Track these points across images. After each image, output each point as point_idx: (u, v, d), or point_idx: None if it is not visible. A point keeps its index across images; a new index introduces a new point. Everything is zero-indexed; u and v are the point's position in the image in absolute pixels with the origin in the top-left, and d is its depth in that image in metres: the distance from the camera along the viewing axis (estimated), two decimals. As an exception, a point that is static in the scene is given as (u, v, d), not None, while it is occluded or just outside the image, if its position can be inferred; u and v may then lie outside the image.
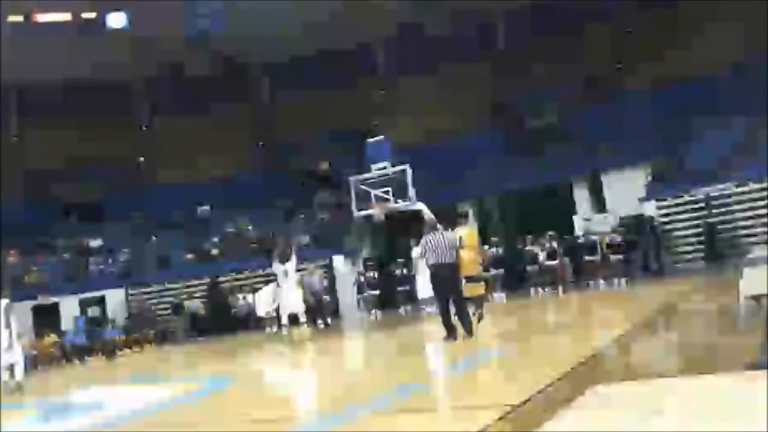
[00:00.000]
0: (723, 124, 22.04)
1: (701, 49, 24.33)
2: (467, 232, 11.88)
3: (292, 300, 15.45)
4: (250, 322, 22.40)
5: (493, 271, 19.86)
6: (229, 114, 32.07)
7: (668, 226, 21.37)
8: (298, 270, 15.99)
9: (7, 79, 26.92)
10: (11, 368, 11.48)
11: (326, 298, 20.66)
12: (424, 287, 17.96)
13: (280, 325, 16.13)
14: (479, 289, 11.87)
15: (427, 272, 17.94)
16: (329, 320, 19.17)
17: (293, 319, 15.55)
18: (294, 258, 15.47)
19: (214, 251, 27.48)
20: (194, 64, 30.67)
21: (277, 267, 15.51)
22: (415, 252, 18.21)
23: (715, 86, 22.97)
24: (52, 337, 21.40)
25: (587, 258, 19.84)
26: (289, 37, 28.50)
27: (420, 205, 15.68)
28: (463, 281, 10.54)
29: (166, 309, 25.71)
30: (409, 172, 16.85)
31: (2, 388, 11.27)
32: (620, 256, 19.32)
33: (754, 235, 19.71)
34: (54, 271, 26.94)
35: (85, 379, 15.31)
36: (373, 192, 17.21)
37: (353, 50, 30.58)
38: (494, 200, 26.18)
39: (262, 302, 18.46)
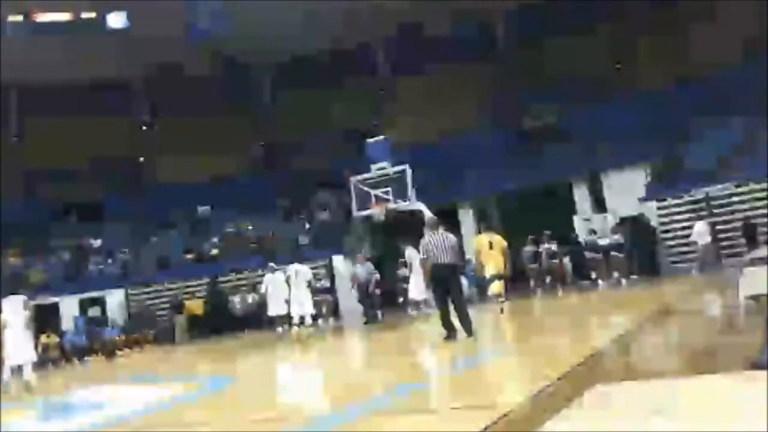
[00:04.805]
0: (723, 124, 22.03)
1: (701, 49, 24.33)
2: (497, 239, 13.08)
3: (303, 301, 15.41)
4: (250, 322, 22.38)
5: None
6: (229, 114, 32.06)
7: (667, 227, 21.35)
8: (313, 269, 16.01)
9: (7, 79, 26.91)
10: (20, 367, 11.40)
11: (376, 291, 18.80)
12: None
13: (290, 325, 15.97)
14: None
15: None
16: (379, 313, 18.44)
17: (300, 320, 15.51)
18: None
19: (214, 251, 27.47)
20: (194, 64, 30.67)
21: (290, 268, 15.58)
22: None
23: (715, 86, 22.96)
24: (52, 337, 21.38)
25: (587, 257, 19.84)
26: (289, 37, 28.51)
27: (420, 205, 15.70)
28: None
29: (166, 309, 25.71)
30: (409, 172, 16.88)
31: (12, 387, 11.25)
32: (620, 256, 19.30)
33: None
34: (54, 271, 26.92)
35: (85, 379, 15.30)
36: (373, 192, 17.23)
37: (353, 50, 30.59)
38: (494, 200, 26.15)
39: (274, 301, 17.70)
